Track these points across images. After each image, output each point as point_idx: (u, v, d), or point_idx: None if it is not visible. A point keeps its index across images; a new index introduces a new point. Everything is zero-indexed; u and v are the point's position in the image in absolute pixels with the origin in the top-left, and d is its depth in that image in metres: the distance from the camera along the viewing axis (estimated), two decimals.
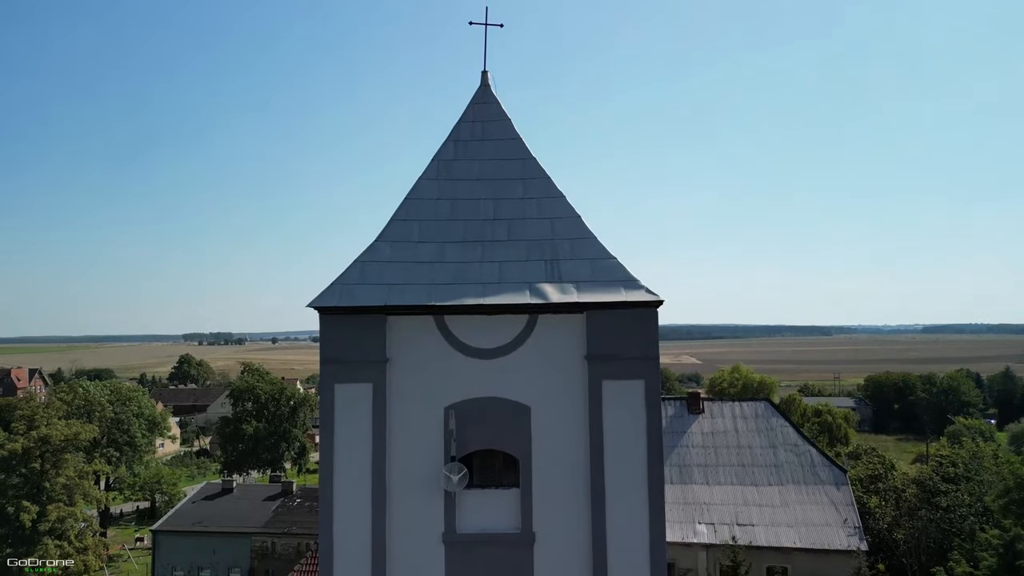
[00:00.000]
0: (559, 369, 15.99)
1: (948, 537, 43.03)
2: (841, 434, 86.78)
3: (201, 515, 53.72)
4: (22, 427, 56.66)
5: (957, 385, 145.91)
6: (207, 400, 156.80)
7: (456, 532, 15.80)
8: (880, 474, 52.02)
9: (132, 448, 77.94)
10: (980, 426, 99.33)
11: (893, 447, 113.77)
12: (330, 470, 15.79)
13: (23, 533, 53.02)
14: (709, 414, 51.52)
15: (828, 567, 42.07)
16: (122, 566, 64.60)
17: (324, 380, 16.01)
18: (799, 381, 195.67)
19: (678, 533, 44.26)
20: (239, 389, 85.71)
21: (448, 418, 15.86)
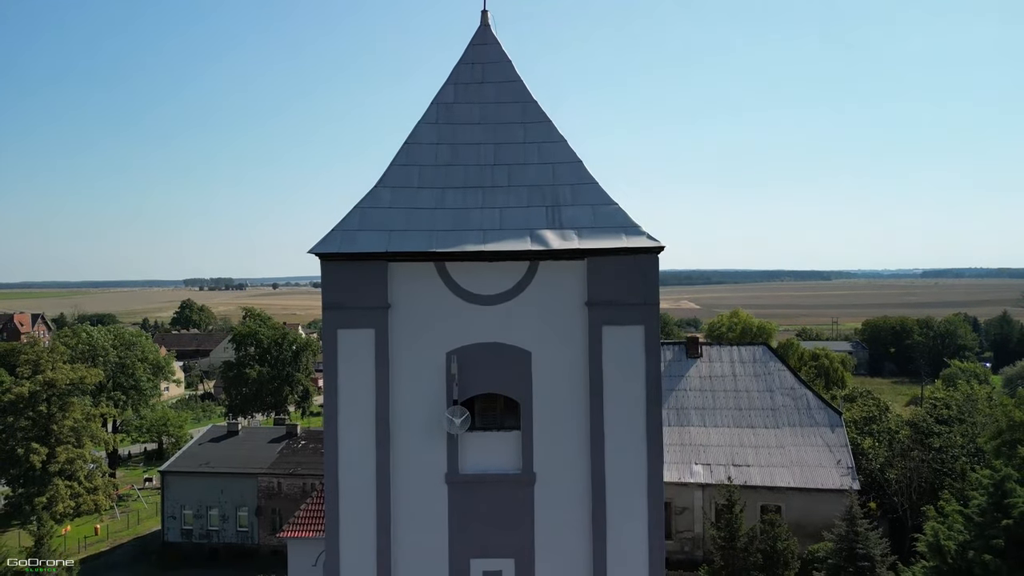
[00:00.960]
0: (559, 315, 16.10)
1: (939, 477, 44.03)
2: (837, 377, 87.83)
3: (208, 456, 54.81)
4: (28, 371, 57.33)
5: (954, 329, 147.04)
6: (210, 345, 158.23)
7: (459, 473, 16.17)
8: (874, 416, 52.91)
9: (137, 392, 78.98)
10: (975, 369, 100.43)
11: (888, 390, 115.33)
12: (334, 413, 16.06)
13: (34, 474, 54.23)
14: (707, 358, 52.10)
15: (820, 505, 43.20)
16: (132, 505, 66.28)
17: (327, 326, 16.12)
18: (797, 326, 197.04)
19: (675, 474, 45.33)
20: (241, 334, 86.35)
21: (450, 363, 16.04)
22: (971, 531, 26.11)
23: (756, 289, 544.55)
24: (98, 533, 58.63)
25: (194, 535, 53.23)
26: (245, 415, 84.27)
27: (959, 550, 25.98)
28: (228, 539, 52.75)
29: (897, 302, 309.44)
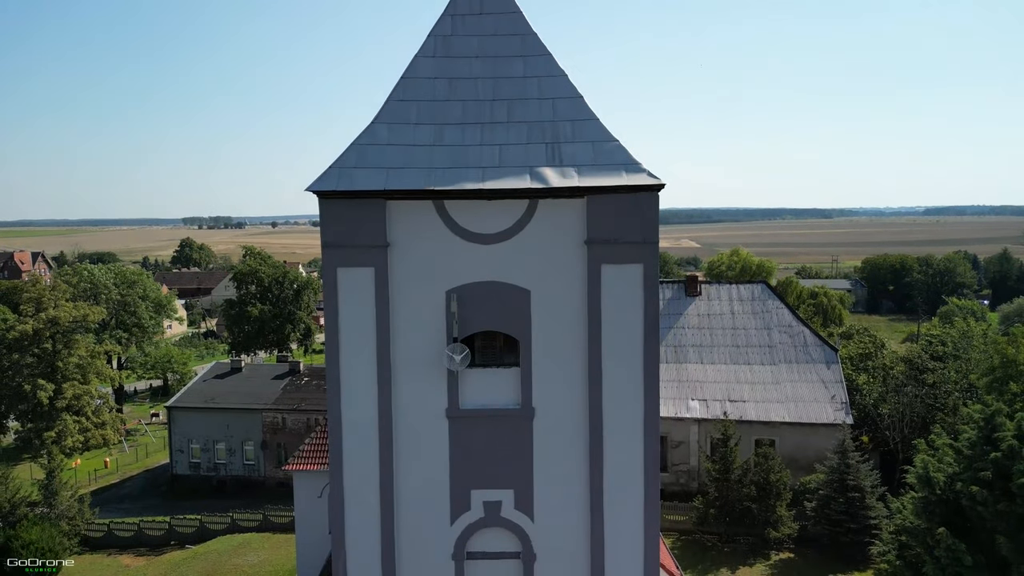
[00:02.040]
0: (559, 254, 16.10)
1: (931, 412, 44.80)
2: (835, 315, 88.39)
3: (213, 392, 55.69)
4: (31, 309, 57.70)
5: (953, 267, 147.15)
6: (211, 283, 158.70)
7: (459, 408, 16.47)
8: (870, 353, 53.48)
9: (140, 330, 79.61)
10: (972, 307, 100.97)
11: (885, 327, 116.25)
12: (336, 351, 16.25)
13: (42, 409, 55.23)
14: (706, 296, 52.33)
15: (814, 439, 44.13)
16: (139, 440, 67.74)
17: (326, 264, 16.16)
18: (797, 264, 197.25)
19: (672, 409, 46.11)
20: (242, 273, 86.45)
21: (450, 301, 16.14)
22: (960, 464, 26.74)
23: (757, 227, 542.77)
24: (108, 466, 60.09)
25: (202, 468, 54.55)
26: (248, 352, 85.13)
27: (947, 482, 26.67)
28: (235, 472, 54.10)
29: (898, 240, 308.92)
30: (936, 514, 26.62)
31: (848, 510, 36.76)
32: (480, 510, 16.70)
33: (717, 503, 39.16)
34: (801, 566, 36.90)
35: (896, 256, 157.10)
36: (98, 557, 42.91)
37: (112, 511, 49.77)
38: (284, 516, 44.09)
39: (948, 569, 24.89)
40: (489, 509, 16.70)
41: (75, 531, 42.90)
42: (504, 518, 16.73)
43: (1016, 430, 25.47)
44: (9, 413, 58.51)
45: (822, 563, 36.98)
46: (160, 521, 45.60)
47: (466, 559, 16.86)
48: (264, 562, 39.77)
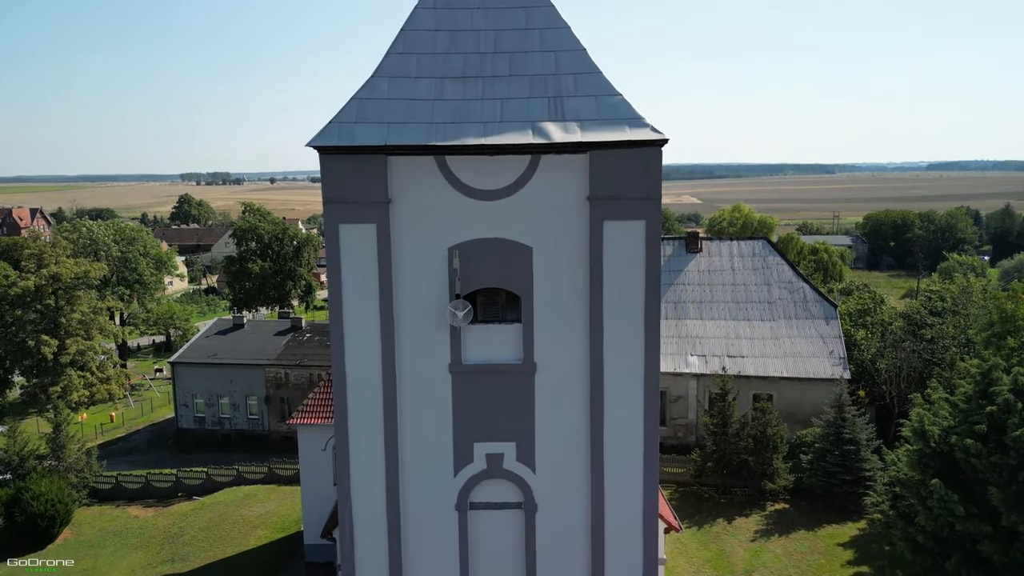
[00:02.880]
0: (561, 210, 16.08)
1: (929, 367, 45.18)
2: (836, 271, 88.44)
3: (215, 348, 56.04)
4: (32, 266, 57.72)
5: (955, 222, 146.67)
6: (210, 240, 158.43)
7: (462, 363, 16.65)
8: (869, 308, 53.66)
9: (142, 286, 79.74)
10: (973, 262, 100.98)
11: (885, 283, 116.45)
12: (339, 307, 16.35)
13: (47, 365, 55.69)
14: (707, 253, 52.31)
15: (811, 394, 44.61)
16: (144, 394, 68.45)
17: (328, 220, 16.15)
18: (799, 220, 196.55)
19: (671, 364, 46.50)
20: (242, 229, 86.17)
21: (452, 258, 16.18)
22: (955, 417, 27.10)
23: (759, 183, 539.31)
24: (114, 420, 60.86)
25: (206, 422, 55.25)
26: (249, 309, 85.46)
27: (942, 435, 27.06)
28: (239, 426, 54.79)
29: (900, 196, 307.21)
30: (930, 466, 27.08)
31: (843, 463, 37.37)
32: (483, 462, 17.03)
33: (714, 456, 39.78)
34: (796, 516, 37.67)
35: (897, 212, 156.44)
36: (107, 508, 43.77)
37: (119, 464, 50.60)
38: (289, 469, 44.83)
39: (940, 519, 25.43)
40: (491, 461, 17.02)
41: (84, 483, 43.67)
42: (506, 470, 17.06)
43: (1012, 384, 25.74)
44: (14, 369, 59.02)
45: (816, 514, 37.75)
46: (167, 473, 46.36)
47: (469, 509, 17.25)
48: (270, 513, 40.60)
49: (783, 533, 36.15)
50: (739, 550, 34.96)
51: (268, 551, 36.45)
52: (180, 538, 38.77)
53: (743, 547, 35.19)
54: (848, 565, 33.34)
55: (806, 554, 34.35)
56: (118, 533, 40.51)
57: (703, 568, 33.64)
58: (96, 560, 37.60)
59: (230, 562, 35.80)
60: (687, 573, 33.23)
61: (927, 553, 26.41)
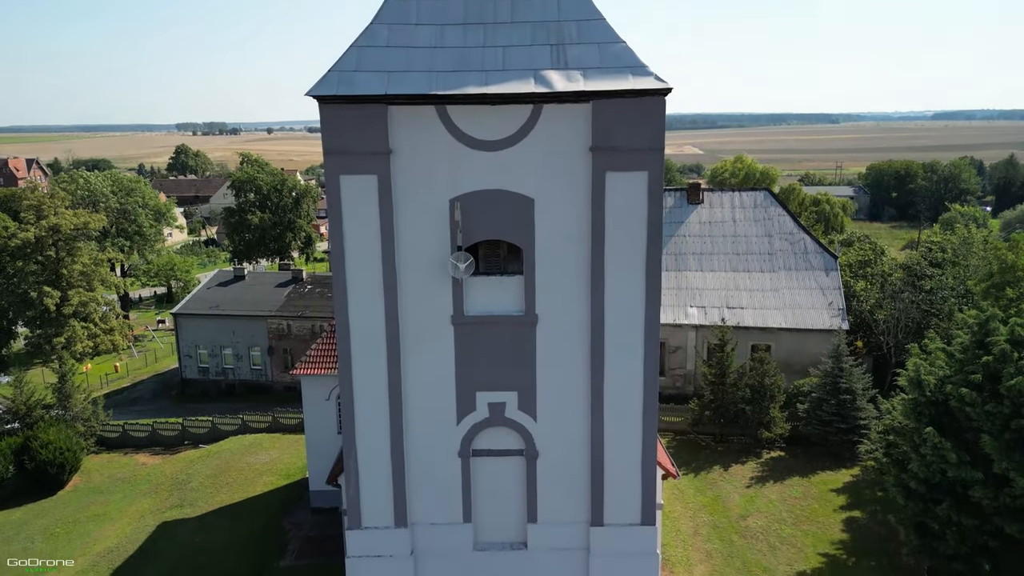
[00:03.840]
0: (563, 161, 15.98)
1: (927, 317, 45.46)
2: (837, 223, 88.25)
3: (217, 300, 56.30)
4: (32, 217, 57.59)
5: (958, 173, 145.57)
6: (209, 191, 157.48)
7: (464, 315, 16.78)
8: (870, 260, 53.70)
9: (141, 237, 79.63)
10: (975, 213, 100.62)
11: (886, 234, 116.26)
12: (342, 258, 16.40)
13: (49, 316, 56.05)
14: (708, 204, 52.08)
15: (809, 344, 44.99)
16: (148, 345, 69.04)
17: (329, 172, 16.07)
18: (801, 170, 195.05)
19: (670, 316, 46.76)
20: (240, 180, 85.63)
21: (453, 210, 16.15)
22: (951, 367, 27.39)
23: (762, 133, 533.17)
24: (118, 371, 61.52)
25: (210, 372, 55.87)
26: (250, 260, 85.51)
27: (938, 384, 27.39)
28: (243, 376, 55.42)
29: (904, 146, 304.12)
30: (924, 415, 27.50)
31: (839, 411, 37.92)
32: (485, 411, 17.32)
33: (712, 405, 40.35)
34: (791, 463, 38.41)
35: (901, 162, 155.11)
36: (115, 456, 44.60)
37: (125, 413, 51.35)
38: (293, 418, 45.53)
39: (933, 466, 25.94)
40: (494, 410, 17.31)
41: (91, 432, 44.41)
42: (508, 418, 17.37)
43: (1009, 335, 25.95)
44: (17, 320, 59.43)
45: (811, 461, 38.49)
46: (173, 422, 47.09)
47: (472, 456, 17.62)
48: (275, 460, 41.39)
49: (778, 480, 36.92)
50: (734, 496, 35.76)
51: (274, 497, 37.28)
52: (188, 484, 39.60)
53: (738, 493, 35.98)
54: (841, 510, 34.15)
55: (800, 499, 35.15)
56: (126, 480, 41.37)
57: (699, 513, 34.47)
58: (106, 506, 38.48)
59: (237, 507, 36.65)
60: (684, 518, 34.05)
61: (918, 498, 27.02)
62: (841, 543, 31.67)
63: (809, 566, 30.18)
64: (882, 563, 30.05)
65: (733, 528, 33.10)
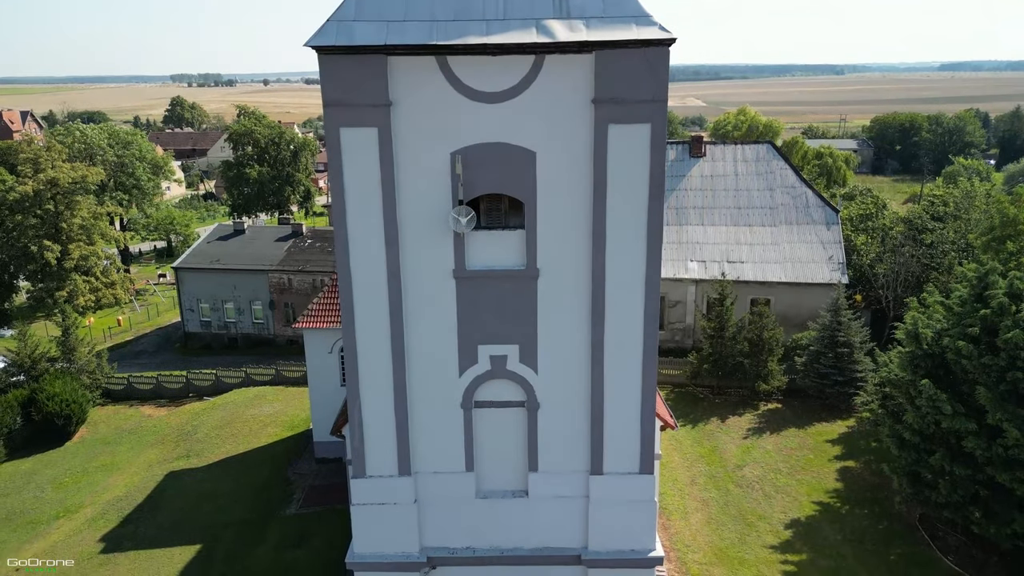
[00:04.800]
0: (565, 113, 15.81)
1: (926, 271, 45.58)
2: (840, 176, 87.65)
3: (218, 254, 56.32)
4: (29, 170, 57.23)
5: (963, 125, 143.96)
6: (206, 144, 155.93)
7: (465, 269, 16.84)
8: (871, 213, 53.55)
9: (140, 191, 79.16)
10: (978, 166, 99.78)
11: (889, 188, 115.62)
12: (343, 212, 16.37)
13: (50, 270, 56.18)
14: (711, 157, 51.71)
15: (808, 298, 45.22)
16: (149, 299, 69.33)
17: (329, 124, 15.92)
18: (805, 123, 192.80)
19: (671, 270, 46.88)
20: (237, 133, 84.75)
21: (455, 163, 16.06)
22: (949, 320, 27.59)
23: (766, 84, 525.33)
24: (121, 324, 61.91)
25: (213, 326, 56.24)
26: (249, 215, 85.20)
27: (935, 337, 27.64)
28: (245, 330, 55.81)
29: (909, 98, 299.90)
30: (921, 367, 27.81)
31: (836, 364, 38.33)
32: (487, 363, 17.52)
33: (710, 358, 40.74)
34: (787, 415, 39.00)
35: (905, 115, 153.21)
36: (120, 408, 45.24)
37: (129, 366, 51.88)
38: (295, 371, 46.02)
39: (927, 417, 26.36)
40: (495, 363, 17.51)
41: (96, 384, 44.95)
42: (509, 371, 17.58)
43: (1008, 288, 26.08)
44: (18, 274, 59.55)
45: (807, 412, 39.07)
46: (177, 375, 47.64)
47: (474, 408, 17.90)
48: (279, 412, 41.99)
49: (774, 431, 37.53)
50: (731, 447, 36.40)
51: (279, 448, 37.96)
52: (194, 435, 40.27)
53: (735, 444, 36.62)
54: (836, 460, 34.82)
55: (795, 450, 35.79)
56: (133, 431, 42.05)
57: (696, 463, 35.13)
58: (114, 456, 39.20)
59: (244, 457, 37.35)
60: (681, 468, 34.72)
61: (912, 449, 27.52)
62: (835, 492, 32.38)
63: (803, 514, 30.91)
64: (874, 511, 30.78)
65: (729, 478, 33.79)
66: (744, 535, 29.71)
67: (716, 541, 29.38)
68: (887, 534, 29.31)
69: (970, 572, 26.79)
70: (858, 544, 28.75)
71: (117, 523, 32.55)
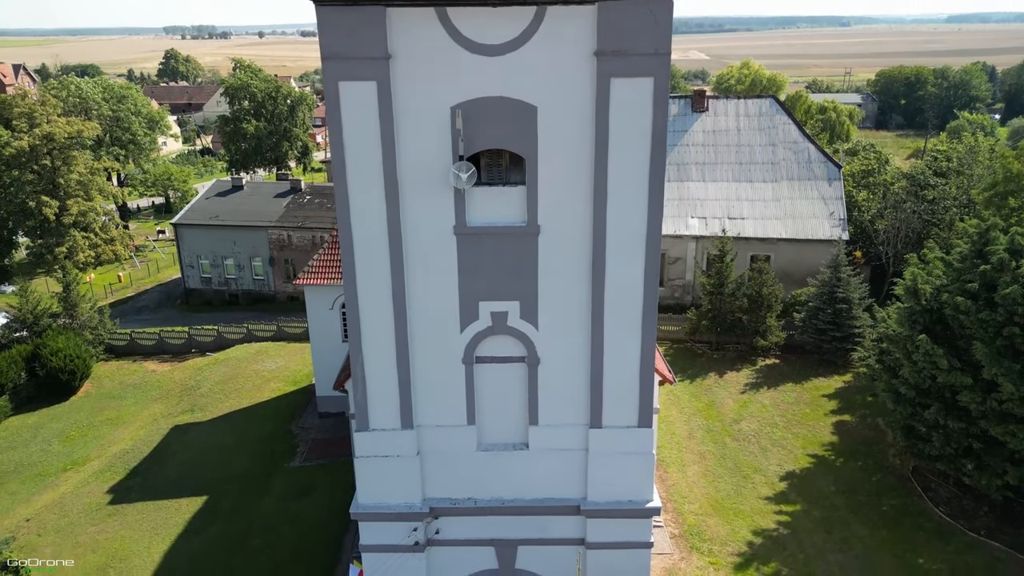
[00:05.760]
0: (566, 66, 15.60)
1: (927, 228, 45.47)
2: (843, 131, 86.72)
3: (216, 210, 56.08)
4: (24, 125, 56.60)
5: (969, 79, 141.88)
6: (201, 98, 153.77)
7: (466, 225, 16.82)
8: (873, 169, 53.19)
9: (136, 146, 78.39)
10: (983, 121, 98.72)
11: (892, 143, 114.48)
12: (343, 168, 16.28)
13: (49, 226, 56.04)
14: (713, 112, 51.13)
15: (808, 255, 45.25)
16: (149, 256, 69.31)
17: (327, 78, 15.73)
18: (809, 77, 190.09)
19: (671, 227, 46.77)
20: (233, 87, 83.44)
21: (455, 117, 15.91)
22: (949, 276, 27.66)
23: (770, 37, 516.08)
24: (121, 281, 62.02)
25: (213, 282, 56.33)
26: (247, 170, 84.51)
27: (934, 293, 27.74)
28: (245, 286, 55.92)
29: (916, 51, 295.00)
30: (919, 323, 27.98)
31: (835, 320, 38.54)
32: (488, 320, 17.63)
33: (709, 315, 40.95)
34: (785, 370, 39.39)
35: (911, 68, 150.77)
36: (124, 363, 45.62)
37: (131, 322, 52.16)
38: (297, 327, 46.28)
39: (924, 372, 26.63)
40: (496, 319, 17.62)
41: (99, 340, 45.25)
42: (510, 327, 17.70)
43: (1008, 244, 26.08)
44: (17, 230, 59.41)
45: (804, 367, 39.45)
46: (179, 331, 47.91)
47: (475, 363, 18.07)
48: (281, 367, 42.38)
49: (771, 386, 37.96)
50: (729, 401, 36.86)
51: (282, 402, 38.42)
52: (198, 390, 40.71)
53: (732, 398, 37.07)
54: (831, 414, 35.29)
55: (792, 404, 36.26)
56: (137, 386, 42.49)
57: (694, 417, 35.62)
58: (119, 410, 39.70)
59: (247, 412, 37.83)
60: (679, 422, 35.22)
61: (908, 403, 27.87)
62: (830, 445, 32.91)
63: (798, 466, 31.47)
64: (868, 463, 31.33)
65: (726, 431, 34.30)
66: (740, 487, 30.29)
67: (712, 493, 29.97)
68: (880, 486, 29.89)
69: (961, 522, 27.42)
70: (851, 495, 29.35)
71: (124, 475, 33.15)
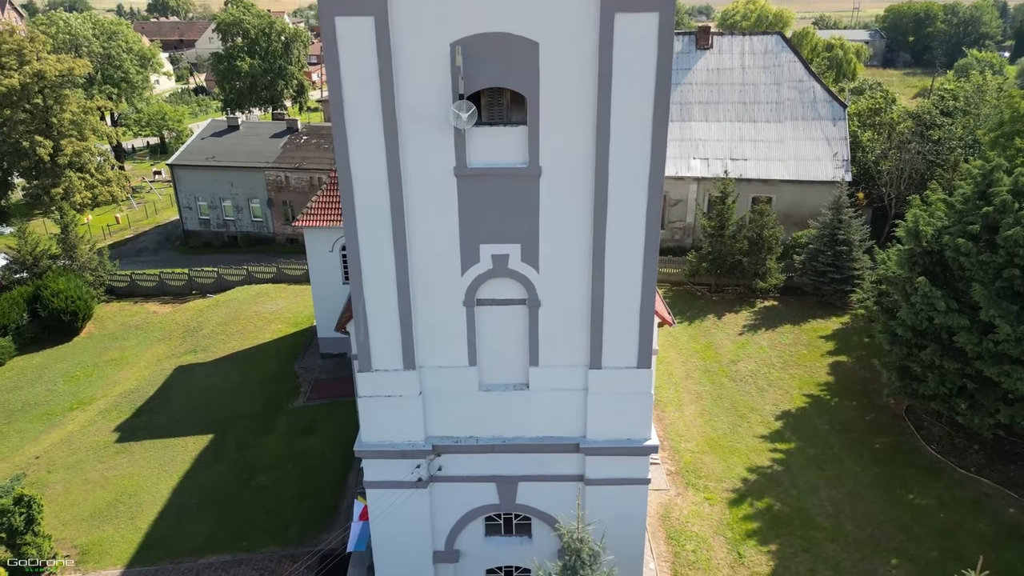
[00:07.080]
0: (569, 1, 15.16)
1: (932, 169, 45.03)
2: (850, 69, 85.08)
3: (213, 151, 55.36)
4: (13, 63, 55.38)
5: (979, 15, 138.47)
6: (193, 34, 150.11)
7: (467, 166, 16.62)
8: (880, 108, 52.35)
9: (128, 84, 76.89)
10: (992, 59, 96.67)
11: (899, 82, 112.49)
12: (340, 108, 15.98)
13: (44, 166, 55.45)
14: (717, 50, 50.02)
15: (811, 196, 44.95)
16: (146, 197, 68.81)
17: (323, 13, 15.28)
18: (816, 12, 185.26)
19: (672, 168, 46.29)
20: (225, 23, 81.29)
21: (454, 54, 15.53)
22: (951, 218, 27.54)
23: None
24: (119, 222, 61.75)
25: (211, 224, 56.07)
26: (242, 110, 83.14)
27: (935, 235, 27.67)
28: (244, 228, 55.69)
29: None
30: (918, 264, 28.01)
31: (835, 262, 38.54)
32: (488, 262, 17.60)
33: (710, 257, 40.94)
34: (783, 312, 39.62)
35: (921, 3, 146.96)
36: (125, 305, 45.83)
37: (131, 264, 52.15)
38: (297, 269, 46.31)
39: (921, 314, 26.79)
40: (497, 262, 17.59)
41: (99, 281, 45.31)
42: (511, 269, 17.69)
43: (1012, 185, 25.88)
44: (12, 170, 58.79)
45: (803, 309, 39.68)
46: (180, 273, 47.96)
47: (476, 305, 18.14)
48: (282, 309, 42.60)
49: (769, 327, 38.24)
50: (727, 343, 37.20)
51: (284, 343, 38.76)
52: (200, 331, 41.02)
53: (731, 340, 37.40)
54: (828, 355, 35.67)
55: (789, 345, 36.60)
56: (139, 327, 42.79)
57: (692, 358, 36.01)
58: (123, 351, 40.07)
59: (249, 353, 38.21)
60: (677, 363, 35.62)
61: (904, 344, 28.13)
62: (826, 385, 33.38)
63: (793, 405, 31.99)
64: (863, 403, 31.85)
65: (724, 372, 34.73)
66: (736, 426, 30.85)
67: (708, 431, 30.54)
68: (873, 424, 30.45)
69: (952, 460, 28.04)
70: (844, 434, 29.93)
71: (130, 414, 33.69)
